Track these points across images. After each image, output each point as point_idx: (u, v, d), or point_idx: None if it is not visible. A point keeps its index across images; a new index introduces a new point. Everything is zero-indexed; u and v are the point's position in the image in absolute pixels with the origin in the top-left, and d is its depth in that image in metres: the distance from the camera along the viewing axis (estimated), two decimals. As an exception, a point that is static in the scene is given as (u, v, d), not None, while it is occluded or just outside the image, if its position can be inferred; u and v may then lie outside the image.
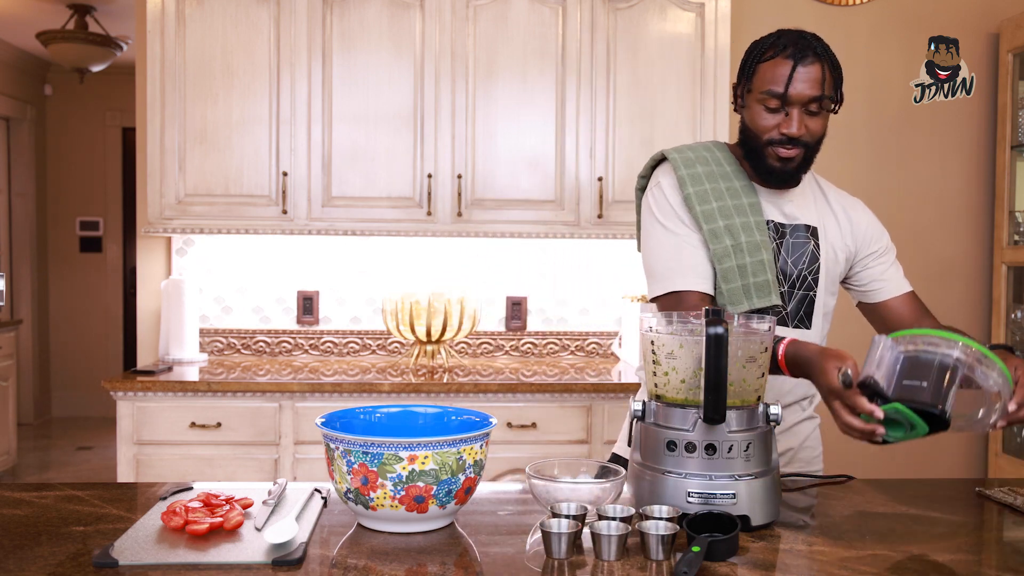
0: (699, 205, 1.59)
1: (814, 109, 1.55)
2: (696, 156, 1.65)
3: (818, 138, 1.58)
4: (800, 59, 1.53)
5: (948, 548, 1.25)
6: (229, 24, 3.04)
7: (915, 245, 3.54)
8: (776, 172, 1.59)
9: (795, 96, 1.53)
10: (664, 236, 1.61)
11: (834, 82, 1.58)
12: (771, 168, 1.59)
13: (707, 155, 1.66)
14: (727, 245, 1.58)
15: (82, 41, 5.06)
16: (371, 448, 1.23)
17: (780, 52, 1.54)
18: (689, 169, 1.62)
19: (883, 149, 3.50)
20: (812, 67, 1.53)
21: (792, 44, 1.54)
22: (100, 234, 6.78)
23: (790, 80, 1.52)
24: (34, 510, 1.37)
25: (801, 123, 1.54)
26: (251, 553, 1.17)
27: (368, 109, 3.06)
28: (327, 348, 3.41)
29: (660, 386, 1.37)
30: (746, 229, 1.59)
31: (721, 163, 1.65)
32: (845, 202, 1.74)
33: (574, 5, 3.07)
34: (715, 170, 1.63)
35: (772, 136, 1.56)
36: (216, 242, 3.39)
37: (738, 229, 1.58)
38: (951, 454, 3.59)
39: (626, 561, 1.16)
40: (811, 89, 1.53)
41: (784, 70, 1.53)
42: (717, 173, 1.63)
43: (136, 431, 2.80)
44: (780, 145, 1.56)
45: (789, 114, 1.54)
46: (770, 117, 1.56)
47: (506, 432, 2.83)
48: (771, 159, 1.58)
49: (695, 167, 1.63)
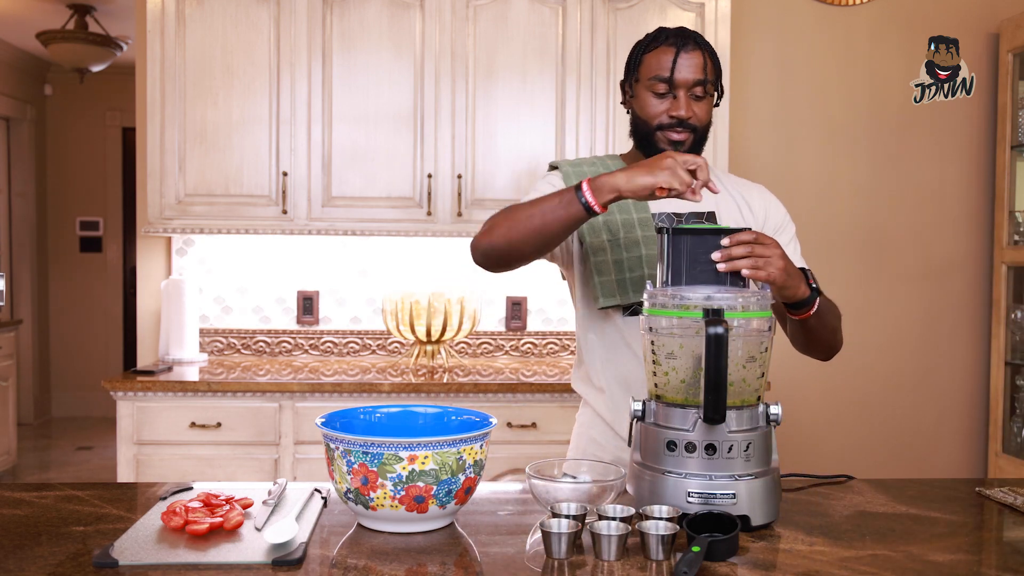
0: None
1: (699, 93, 1.63)
2: (585, 161, 1.76)
3: (705, 124, 1.66)
4: (682, 46, 1.62)
5: (948, 548, 1.25)
6: (229, 24, 3.04)
7: (915, 245, 3.54)
8: None
9: (680, 80, 1.61)
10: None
11: (715, 70, 1.65)
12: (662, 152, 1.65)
13: (597, 161, 1.77)
14: (603, 240, 1.66)
15: (82, 41, 5.06)
16: (371, 448, 1.23)
17: (663, 42, 1.64)
18: (575, 168, 1.73)
19: (883, 149, 3.50)
20: (694, 53, 1.62)
21: (674, 35, 1.64)
22: (100, 234, 6.78)
23: (675, 65, 1.61)
24: (34, 510, 1.37)
25: (688, 106, 1.62)
26: (251, 553, 1.17)
27: (368, 109, 3.06)
28: (327, 348, 3.41)
29: (660, 386, 1.37)
30: (626, 226, 1.66)
31: (610, 168, 1.72)
32: (741, 187, 1.78)
33: (574, 5, 3.07)
34: (600, 170, 1.70)
35: (662, 120, 1.64)
36: (216, 242, 3.39)
37: (618, 225, 1.66)
38: (951, 454, 3.59)
39: (626, 561, 1.16)
40: (695, 73, 1.61)
41: (668, 56, 1.62)
42: None
43: (136, 431, 2.80)
44: (670, 129, 1.64)
45: (677, 97, 1.62)
46: (658, 103, 1.64)
47: (506, 432, 2.83)
48: (662, 143, 1.65)
49: (581, 167, 1.73)
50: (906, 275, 3.55)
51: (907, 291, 3.54)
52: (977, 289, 3.56)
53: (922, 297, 3.56)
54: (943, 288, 3.56)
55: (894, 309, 3.54)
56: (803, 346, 1.62)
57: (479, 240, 1.58)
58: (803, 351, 1.64)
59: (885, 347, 3.52)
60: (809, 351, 1.64)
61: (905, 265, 3.55)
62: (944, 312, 3.57)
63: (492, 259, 1.58)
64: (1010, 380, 3.42)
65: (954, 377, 3.58)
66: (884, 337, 3.52)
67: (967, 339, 3.57)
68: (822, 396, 3.51)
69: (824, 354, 1.65)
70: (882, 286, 3.53)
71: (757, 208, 1.75)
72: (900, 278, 3.54)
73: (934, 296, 3.57)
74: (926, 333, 3.56)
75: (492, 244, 1.55)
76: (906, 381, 3.56)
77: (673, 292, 1.34)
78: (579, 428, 1.84)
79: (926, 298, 3.56)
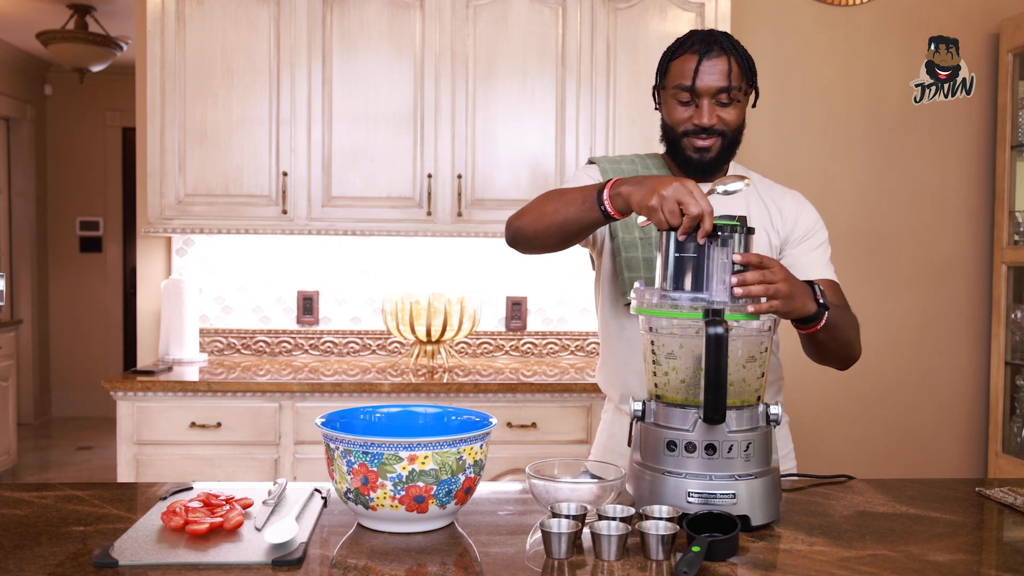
0: None
1: (724, 100, 1.62)
2: (623, 159, 1.77)
3: (735, 127, 1.65)
4: (705, 53, 1.60)
5: (948, 548, 1.25)
6: (229, 24, 3.04)
7: (915, 245, 3.54)
8: (694, 162, 1.66)
9: (702, 88, 1.60)
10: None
11: (743, 74, 1.63)
12: (689, 159, 1.66)
13: (637, 160, 1.77)
14: (635, 237, 1.67)
15: (82, 41, 5.06)
16: (371, 448, 1.23)
17: (688, 49, 1.63)
18: (613, 166, 1.74)
19: (883, 149, 3.50)
20: (718, 60, 1.60)
21: (699, 41, 1.62)
22: (100, 234, 6.78)
23: (696, 73, 1.60)
24: (34, 510, 1.37)
25: (712, 113, 1.62)
26: (251, 553, 1.17)
27: (368, 109, 3.06)
28: (327, 348, 3.41)
29: (660, 386, 1.37)
30: None
31: (649, 168, 1.75)
32: (774, 192, 1.78)
33: (574, 5, 3.07)
34: (640, 170, 1.74)
35: (687, 128, 1.64)
36: (216, 242, 3.39)
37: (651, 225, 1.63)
38: (951, 454, 3.59)
39: (626, 561, 1.16)
40: (717, 80, 1.60)
41: (691, 64, 1.61)
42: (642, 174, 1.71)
43: (136, 431, 2.80)
44: (695, 136, 1.64)
45: (699, 105, 1.62)
46: (683, 110, 1.64)
47: (506, 432, 2.83)
48: (688, 150, 1.65)
49: (619, 165, 1.75)
50: (906, 275, 3.55)
51: (907, 291, 3.54)
52: (977, 289, 3.56)
53: (922, 297, 3.56)
54: (943, 288, 3.55)
55: (894, 309, 3.54)
56: (815, 356, 1.61)
57: (512, 221, 1.64)
58: (816, 361, 1.63)
59: (885, 347, 3.52)
60: (822, 361, 1.62)
61: (905, 265, 3.55)
62: (944, 312, 3.57)
63: (520, 242, 1.64)
64: (1010, 380, 3.42)
65: (954, 377, 3.58)
66: (884, 337, 3.52)
67: (967, 339, 3.57)
68: (822, 396, 3.51)
69: (839, 364, 1.64)
70: (882, 286, 3.53)
71: (788, 214, 1.74)
72: (900, 278, 3.54)
73: (934, 296, 3.57)
74: (926, 333, 3.56)
75: (521, 229, 1.61)
76: (906, 381, 3.56)
77: (664, 295, 1.33)
78: (602, 425, 1.84)
79: (926, 298, 3.56)
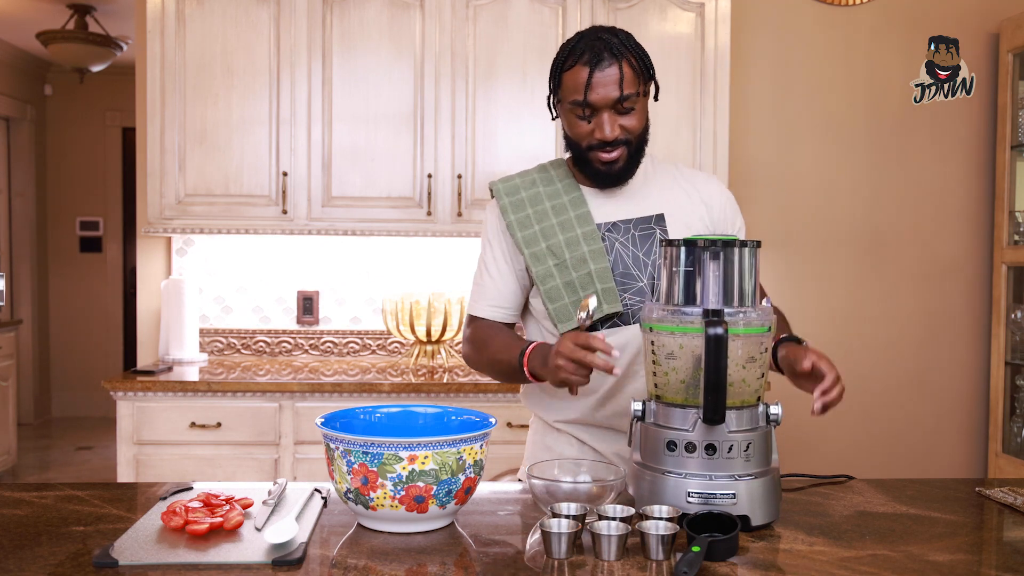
0: (520, 231, 1.64)
1: (622, 109, 1.55)
2: (522, 181, 1.70)
3: (638, 133, 1.59)
4: (596, 64, 1.53)
5: (948, 548, 1.25)
6: (229, 24, 3.04)
7: (915, 245, 3.54)
8: (603, 175, 1.62)
9: (597, 101, 1.54)
10: (480, 260, 1.73)
11: (637, 75, 1.56)
12: (597, 172, 1.62)
13: (537, 177, 1.70)
14: (549, 266, 1.61)
15: (82, 41, 5.06)
16: (371, 448, 1.23)
17: (578, 59, 1.55)
18: (511, 197, 1.67)
19: (883, 149, 3.50)
20: (609, 69, 1.53)
21: (588, 49, 1.54)
22: (100, 234, 6.78)
23: (588, 87, 1.53)
24: (34, 510, 1.37)
25: (613, 124, 1.55)
26: (251, 553, 1.17)
27: (368, 109, 3.06)
28: (327, 348, 3.41)
29: (660, 386, 1.37)
30: (571, 244, 1.61)
31: (553, 181, 1.68)
32: (695, 179, 1.72)
33: (574, 5, 3.07)
34: (542, 191, 1.66)
35: (590, 142, 1.59)
36: (216, 242, 3.39)
37: (562, 247, 1.61)
38: (951, 454, 3.59)
39: (626, 561, 1.16)
40: (613, 91, 1.53)
41: (582, 77, 1.54)
42: (544, 193, 1.66)
43: (136, 431, 2.80)
44: (599, 149, 1.58)
45: (599, 118, 1.55)
46: (582, 124, 1.58)
47: (506, 432, 2.83)
48: (595, 163, 1.61)
49: (519, 193, 1.67)
50: (906, 275, 3.55)
51: (907, 291, 3.54)
52: (977, 289, 3.56)
53: (922, 297, 3.56)
54: (943, 288, 3.55)
55: (894, 309, 3.54)
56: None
57: (464, 354, 1.75)
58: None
59: (885, 347, 3.52)
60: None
61: (905, 265, 3.55)
62: (944, 312, 3.57)
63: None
64: (1010, 380, 3.42)
65: (954, 377, 3.58)
66: (884, 337, 3.52)
67: (967, 339, 3.57)
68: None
69: None
70: (882, 286, 3.53)
71: (715, 202, 1.70)
72: (900, 278, 3.54)
73: (934, 296, 3.57)
74: (926, 333, 3.56)
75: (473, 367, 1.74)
76: (906, 381, 3.56)
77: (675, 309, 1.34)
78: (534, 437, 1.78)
79: (926, 298, 3.56)
